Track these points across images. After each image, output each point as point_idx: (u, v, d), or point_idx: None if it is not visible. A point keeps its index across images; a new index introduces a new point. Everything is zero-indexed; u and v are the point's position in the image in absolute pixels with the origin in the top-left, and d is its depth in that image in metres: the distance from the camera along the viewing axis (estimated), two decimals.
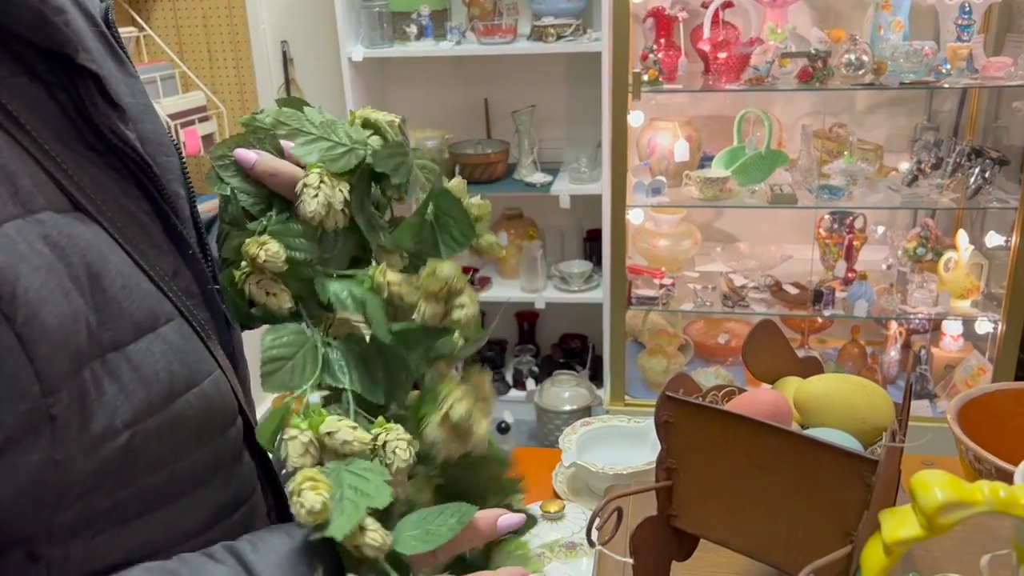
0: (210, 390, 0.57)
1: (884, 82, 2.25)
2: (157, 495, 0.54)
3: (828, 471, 0.62)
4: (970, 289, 2.38)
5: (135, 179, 0.58)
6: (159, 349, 0.53)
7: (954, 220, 2.64)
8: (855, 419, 0.68)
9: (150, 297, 0.54)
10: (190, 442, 0.56)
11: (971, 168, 2.32)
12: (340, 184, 0.58)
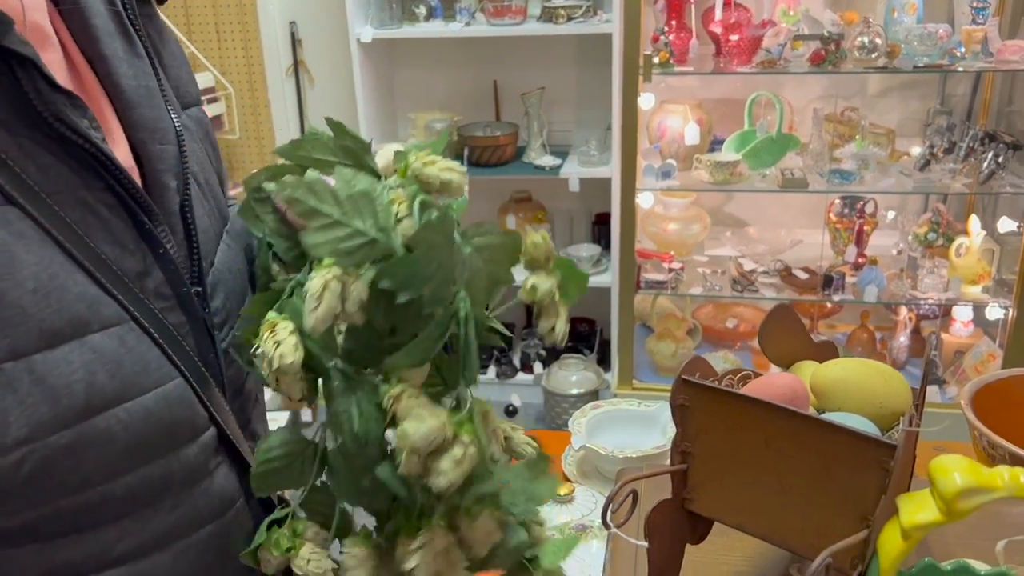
0: (155, 404, 0.52)
1: (898, 65, 2.23)
2: (86, 515, 0.50)
3: (845, 455, 0.61)
4: (981, 275, 2.37)
5: (95, 170, 0.53)
6: (80, 359, 0.48)
7: (965, 205, 2.62)
8: (872, 404, 0.68)
9: (79, 302, 0.49)
10: (123, 462, 0.51)
11: (984, 153, 2.30)
12: (356, 283, 0.49)
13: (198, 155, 0.67)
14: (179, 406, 0.55)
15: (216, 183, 0.70)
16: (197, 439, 0.57)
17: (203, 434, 0.58)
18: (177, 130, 0.63)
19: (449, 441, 0.50)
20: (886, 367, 0.69)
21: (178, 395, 0.54)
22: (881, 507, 0.60)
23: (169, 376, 0.54)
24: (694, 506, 0.70)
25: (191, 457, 0.56)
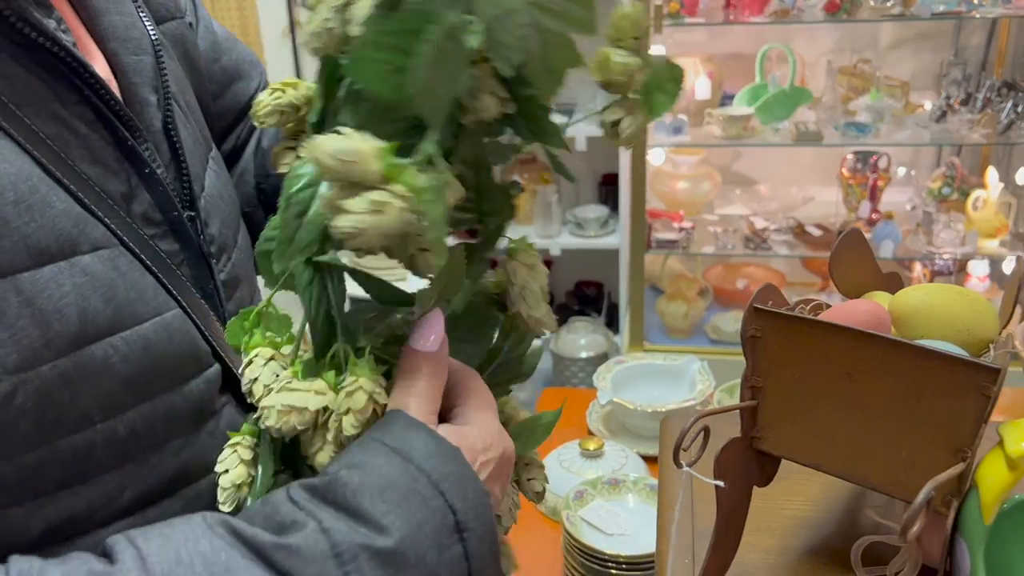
0: (155, 334, 0.48)
1: (915, 12, 2.17)
2: (88, 459, 0.46)
3: (941, 383, 0.57)
4: (999, 228, 2.32)
5: (68, 80, 0.48)
6: (71, 281, 0.44)
7: (980, 159, 2.57)
8: (959, 330, 0.63)
9: (64, 219, 0.45)
10: (123, 396, 0.47)
11: (1002, 103, 2.24)
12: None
13: (175, 73, 0.61)
14: (180, 338, 0.50)
15: (197, 107, 0.65)
16: (201, 374, 0.53)
17: (207, 370, 0.53)
18: (153, 40, 0.57)
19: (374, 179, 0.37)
20: (972, 292, 0.64)
21: (178, 326, 0.50)
22: (980, 437, 0.56)
23: (166, 305, 0.50)
24: (764, 445, 0.66)
25: (196, 394, 0.52)
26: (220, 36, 0.72)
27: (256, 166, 0.75)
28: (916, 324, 0.64)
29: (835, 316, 0.62)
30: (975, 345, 0.63)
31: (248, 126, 0.76)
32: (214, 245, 0.59)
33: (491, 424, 0.47)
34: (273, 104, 0.48)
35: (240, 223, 0.66)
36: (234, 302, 0.60)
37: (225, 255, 0.60)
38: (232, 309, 0.59)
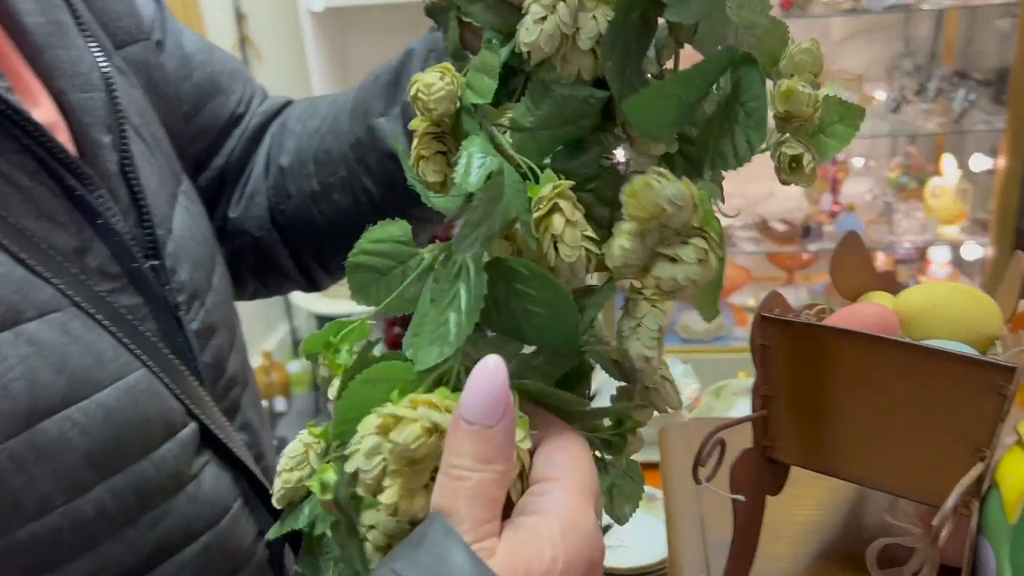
0: (117, 400, 0.44)
1: (866, 6, 2.20)
2: (54, 546, 0.42)
3: (955, 384, 0.56)
4: (957, 215, 2.37)
5: (4, 130, 0.44)
6: (16, 353, 0.40)
7: (935, 147, 2.62)
8: (966, 329, 0.63)
9: (4, 285, 0.41)
10: (87, 473, 0.43)
11: (953, 92, 2.29)
12: (599, 6, 0.36)
13: (138, 103, 0.57)
14: (146, 401, 0.46)
15: (164, 137, 0.60)
16: (174, 437, 0.49)
17: (180, 431, 0.49)
18: (104, 73, 0.53)
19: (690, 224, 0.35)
20: (975, 290, 0.65)
21: (143, 388, 0.46)
22: (998, 436, 0.56)
23: (129, 367, 0.46)
24: (777, 454, 0.65)
25: (169, 460, 0.48)
26: (192, 49, 0.67)
27: (270, 187, 0.69)
28: (923, 325, 0.64)
29: (843, 321, 0.62)
30: (981, 343, 0.63)
31: (244, 142, 0.70)
32: (183, 293, 0.54)
33: (579, 522, 0.32)
34: (447, 89, 0.40)
35: (216, 262, 0.61)
36: (210, 351, 0.56)
37: (197, 301, 0.56)
38: (208, 360, 0.55)
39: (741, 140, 0.40)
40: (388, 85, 0.62)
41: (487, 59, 0.41)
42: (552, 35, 0.36)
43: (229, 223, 0.70)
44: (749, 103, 0.39)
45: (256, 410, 0.64)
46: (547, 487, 0.32)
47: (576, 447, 0.34)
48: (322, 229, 0.68)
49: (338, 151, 0.65)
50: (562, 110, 0.38)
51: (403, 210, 0.65)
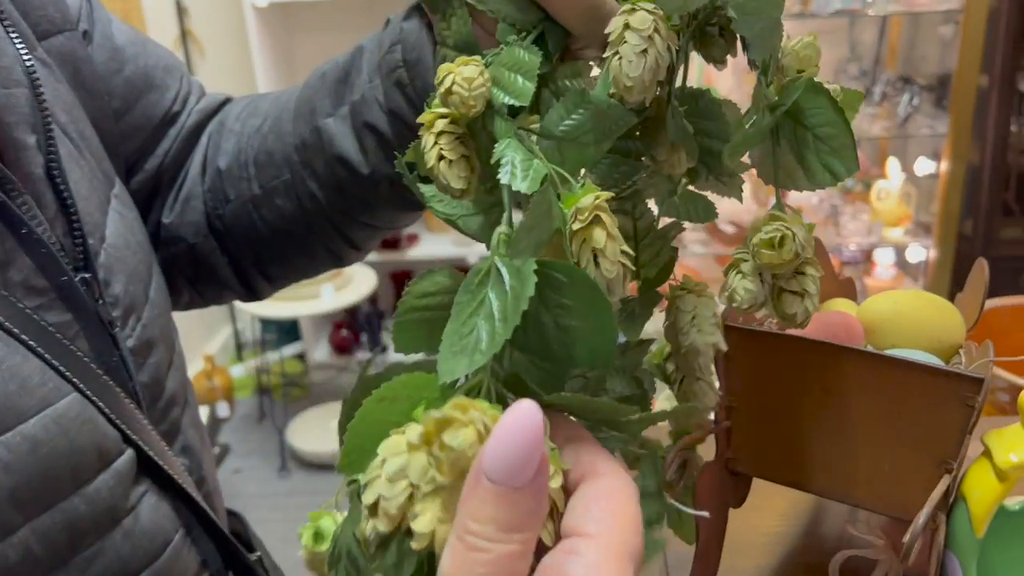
0: (44, 431, 0.40)
1: (813, 11, 2.22)
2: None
3: (922, 395, 0.55)
4: (902, 218, 2.41)
5: None
6: None
7: (878, 150, 2.66)
8: (929, 337, 0.62)
9: None
10: (11, 514, 0.39)
11: (898, 97, 2.33)
12: (671, 37, 0.36)
13: (64, 100, 0.53)
14: (77, 429, 0.42)
15: (94, 136, 0.56)
16: (108, 467, 0.44)
17: (116, 460, 0.45)
18: (27, 67, 0.48)
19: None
20: (938, 298, 0.64)
21: (74, 415, 0.42)
22: (965, 448, 0.55)
23: (58, 392, 0.42)
24: (739, 466, 0.63)
25: (104, 493, 0.43)
26: (122, 42, 0.62)
27: (207, 191, 0.64)
28: (887, 333, 0.62)
29: (807, 330, 0.60)
30: (945, 351, 0.62)
31: (180, 143, 0.65)
32: (118, 308, 0.50)
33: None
34: (487, 86, 0.37)
35: (153, 272, 0.57)
36: (148, 369, 0.52)
37: (133, 316, 0.51)
38: (145, 379, 0.51)
39: (816, 165, 0.40)
40: (336, 83, 0.58)
41: (523, 59, 0.38)
42: (654, 68, 0.34)
43: (163, 229, 0.65)
44: (821, 128, 0.39)
45: (197, 430, 0.60)
46: (580, 545, 0.26)
47: (622, 497, 0.28)
48: (263, 235, 0.63)
49: (281, 153, 0.60)
50: (599, 122, 0.37)
51: (351, 216, 0.61)
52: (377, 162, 0.56)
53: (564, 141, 0.37)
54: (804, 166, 0.41)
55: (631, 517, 0.27)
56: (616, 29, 0.36)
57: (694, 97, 0.42)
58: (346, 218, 0.61)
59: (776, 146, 0.42)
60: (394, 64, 0.53)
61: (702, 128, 0.42)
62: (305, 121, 0.59)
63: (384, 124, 0.54)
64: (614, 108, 0.37)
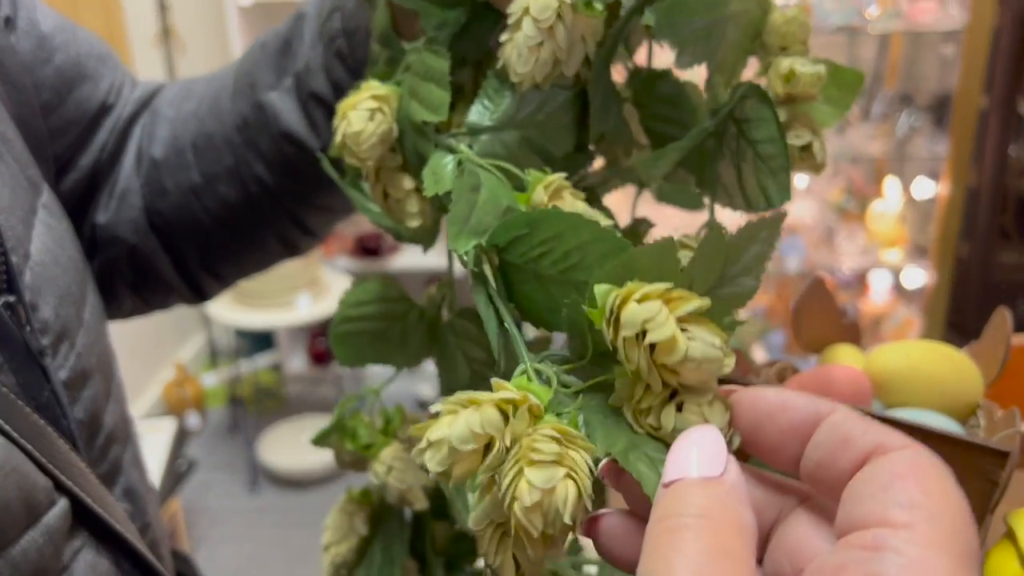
0: None
1: (814, 27, 2.16)
2: None
3: None
4: (898, 239, 2.35)
5: None
6: None
7: (875, 170, 2.60)
8: (944, 395, 0.55)
9: None
10: None
11: (896, 116, 2.27)
12: (586, 25, 0.33)
13: None
14: (2, 480, 0.36)
15: (17, 137, 0.50)
16: (38, 522, 0.38)
17: (47, 513, 0.38)
18: None
19: None
20: (953, 350, 0.56)
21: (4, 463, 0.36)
22: (987, 528, 0.48)
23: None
24: None
25: (31, 553, 0.37)
26: (49, 29, 0.56)
27: (144, 184, 0.59)
28: (897, 389, 0.55)
29: (810, 386, 0.53)
30: (960, 411, 0.55)
31: (116, 135, 0.59)
32: (48, 335, 0.44)
33: None
34: (379, 131, 0.35)
35: (87, 290, 0.51)
36: (83, 403, 0.45)
37: (66, 343, 0.45)
38: (81, 415, 0.45)
39: (752, 185, 0.36)
40: (277, 54, 0.53)
41: (433, 64, 0.36)
42: (547, 63, 0.33)
43: (99, 230, 0.60)
44: (762, 144, 0.35)
45: (139, 469, 0.54)
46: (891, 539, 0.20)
47: (935, 473, 0.22)
48: (207, 228, 0.58)
49: (221, 134, 0.56)
50: (524, 107, 0.35)
51: (303, 199, 0.56)
52: (328, 136, 0.51)
53: (499, 132, 0.35)
54: (741, 183, 0.36)
55: (954, 499, 0.22)
56: (516, 12, 0.33)
57: (651, 80, 0.39)
58: (298, 201, 0.56)
59: (720, 157, 0.37)
60: (333, 33, 0.50)
61: (660, 114, 0.39)
62: (245, 97, 0.55)
63: (330, 95, 0.50)
64: (536, 91, 0.34)
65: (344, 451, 0.43)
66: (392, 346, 0.41)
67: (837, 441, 0.23)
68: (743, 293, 0.29)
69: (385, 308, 0.41)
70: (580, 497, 0.24)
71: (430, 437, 0.25)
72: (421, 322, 0.41)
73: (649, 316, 0.25)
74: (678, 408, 0.26)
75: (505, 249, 0.30)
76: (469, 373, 0.39)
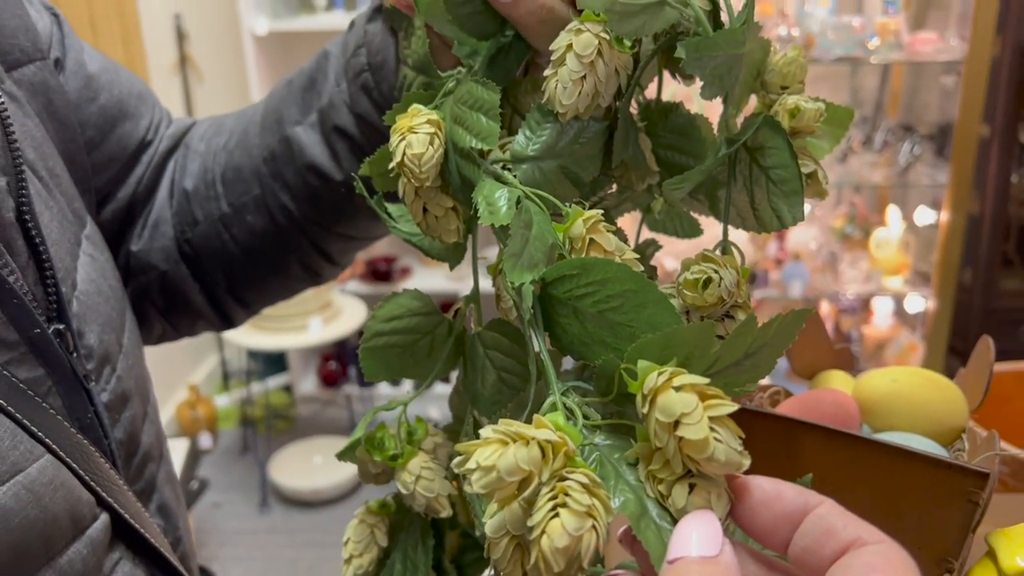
0: (15, 499, 0.38)
1: (816, 57, 2.21)
2: None
3: (921, 487, 0.51)
4: (900, 266, 2.38)
5: None
6: None
7: (878, 197, 2.64)
8: (929, 419, 0.58)
9: None
10: None
11: (898, 145, 2.31)
12: (620, 60, 0.36)
13: (33, 136, 0.50)
14: (51, 495, 0.39)
15: (64, 172, 0.53)
16: (82, 535, 0.41)
17: (90, 526, 0.42)
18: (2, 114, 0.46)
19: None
20: (938, 376, 0.60)
21: (47, 480, 0.39)
22: (968, 547, 0.51)
23: (30, 456, 0.39)
24: None
25: (77, 563, 0.40)
26: (95, 70, 0.59)
27: (176, 214, 0.63)
28: (884, 413, 0.59)
29: (800, 409, 0.56)
30: (945, 435, 0.58)
31: (152, 169, 0.63)
32: (92, 360, 0.47)
33: None
34: (438, 154, 0.38)
35: (126, 318, 0.54)
36: (123, 424, 0.48)
37: (108, 368, 0.48)
38: (121, 435, 0.48)
39: (765, 207, 0.39)
40: (303, 91, 0.57)
41: (483, 97, 0.38)
42: (588, 95, 0.36)
43: (132, 258, 0.63)
44: (775, 170, 0.38)
45: (172, 488, 0.57)
46: None
47: (903, 567, 0.26)
48: (234, 256, 0.62)
49: (250, 167, 0.59)
50: (563, 137, 0.38)
51: (327, 227, 0.59)
52: (350, 168, 0.55)
53: (539, 160, 0.38)
54: (754, 206, 0.39)
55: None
56: (559, 49, 0.36)
57: (664, 112, 0.42)
58: (321, 230, 0.59)
59: (732, 182, 0.40)
60: (359, 68, 0.53)
61: (672, 144, 0.42)
62: (273, 132, 0.58)
63: (353, 127, 0.54)
64: (574, 122, 0.37)
65: (370, 463, 0.45)
66: (419, 359, 0.43)
67: (821, 531, 0.27)
68: (761, 369, 0.33)
69: (416, 322, 0.42)
70: (598, 545, 0.28)
71: (480, 461, 0.28)
72: (449, 335, 0.43)
73: (686, 411, 0.28)
74: (690, 488, 0.29)
75: (552, 284, 0.33)
76: (496, 380, 0.41)
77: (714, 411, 0.28)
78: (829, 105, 0.43)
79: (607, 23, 0.35)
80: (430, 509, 0.43)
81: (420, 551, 0.45)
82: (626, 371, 0.30)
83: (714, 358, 0.30)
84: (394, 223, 0.44)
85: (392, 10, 0.49)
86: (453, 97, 0.39)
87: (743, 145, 0.38)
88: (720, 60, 0.35)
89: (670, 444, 0.29)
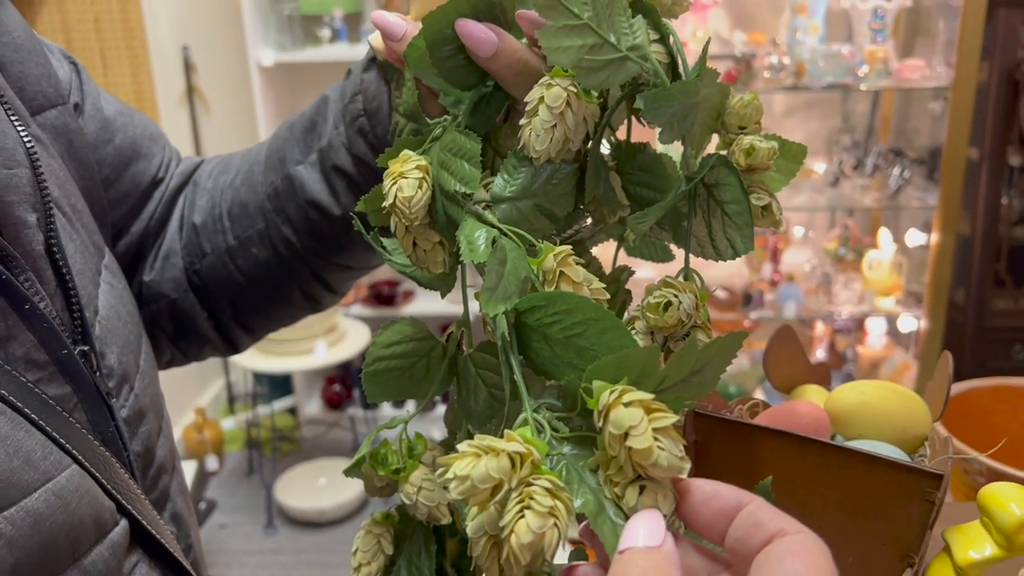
0: (46, 504, 0.40)
1: (807, 84, 2.27)
2: None
3: (885, 489, 0.56)
4: (893, 287, 2.43)
5: None
6: None
7: (871, 219, 2.69)
8: (895, 428, 0.63)
9: None
10: None
11: (889, 168, 2.37)
12: (588, 109, 0.40)
13: (57, 174, 0.54)
14: (77, 502, 0.42)
15: (85, 208, 0.57)
16: (105, 538, 0.45)
17: (111, 531, 0.45)
18: (27, 147, 0.50)
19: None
20: (904, 389, 0.65)
21: (74, 488, 0.43)
22: (927, 543, 0.55)
23: (59, 465, 0.42)
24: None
25: (100, 564, 0.44)
26: (111, 113, 0.64)
27: (185, 247, 0.67)
28: (853, 423, 0.63)
29: (775, 419, 0.61)
30: (910, 442, 0.63)
31: (164, 205, 0.67)
32: (113, 379, 0.51)
33: None
34: (426, 196, 0.42)
35: (142, 341, 0.58)
36: (140, 438, 0.53)
37: (126, 386, 0.53)
38: (138, 448, 0.52)
39: (721, 238, 0.43)
40: (304, 133, 0.61)
41: (465, 145, 0.42)
42: (559, 141, 0.40)
43: (145, 287, 0.67)
44: (729, 204, 0.42)
45: (184, 498, 0.61)
46: None
47: (818, 553, 0.29)
48: (240, 286, 0.66)
49: (254, 203, 0.63)
50: (537, 179, 0.42)
51: (326, 258, 0.64)
52: (348, 203, 0.59)
53: (516, 201, 0.42)
54: (711, 237, 0.44)
55: (826, 571, 0.28)
56: (533, 101, 0.40)
57: (633, 152, 0.46)
58: (322, 260, 0.64)
59: (692, 215, 0.44)
60: (356, 113, 0.56)
61: (640, 180, 0.46)
62: (276, 170, 0.62)
63: (351, 167, 0.58)
64: (547, 165, 0.41)
65: (375, 477, 0.48)
66: (417, 381, 0.46)
67: (751, 525, 0.32)
68: (706, 385, 0.38)
69: (413, 347, 0.46)
70: (559, 541, 0.33)
71: (456, 471, 0.32)
72: (444, 357, 0.47)
73: (633, 424, 0.33)
74: (640, 489, 0.34)
75: (524, 313, 0.38)
76: (487, 396, 0.45)
77: (658, 423, 0.33)
78: (783, 142, 0.47)
79: (575, 77, 0.40)
80: (432, 517, 0.46)
81: (424, 557, 0.49)
82: (584, 390, 0.35)
83: (663, 376, 0.35)
84: (388, 255, 0.48)
85: (385, 63, 0.54)
86: (440, 143, 0.43)
87: (701, 182, 0.43)
88: (676, 109, 0.39)
89: (621, 453, 0.33)
